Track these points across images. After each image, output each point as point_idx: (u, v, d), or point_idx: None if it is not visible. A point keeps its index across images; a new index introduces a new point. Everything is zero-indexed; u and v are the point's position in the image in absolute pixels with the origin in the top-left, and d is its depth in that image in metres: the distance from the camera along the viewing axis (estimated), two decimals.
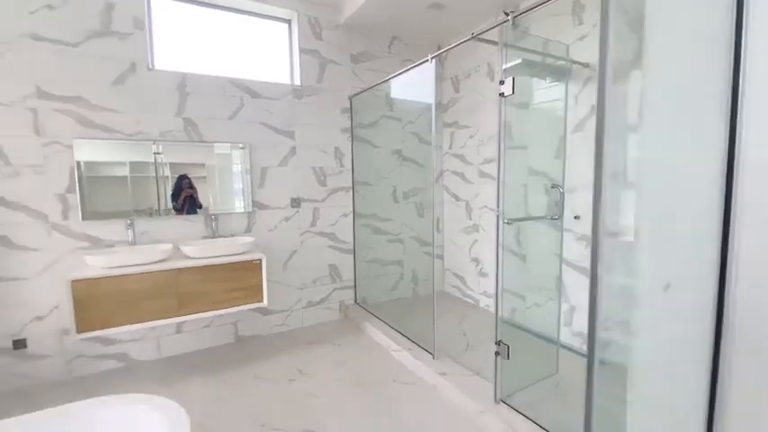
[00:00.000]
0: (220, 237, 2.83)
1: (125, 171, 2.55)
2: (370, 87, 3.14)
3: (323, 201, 3.31)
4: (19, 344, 2.34)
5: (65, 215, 2.42)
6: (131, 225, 2.54)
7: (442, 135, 3.86)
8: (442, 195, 3.93)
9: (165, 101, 2.64)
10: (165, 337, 2.73)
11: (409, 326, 2.91)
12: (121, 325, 2.21)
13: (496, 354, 1.94)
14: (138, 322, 2.25)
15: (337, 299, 3.45)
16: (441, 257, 3.97)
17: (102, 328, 2.18)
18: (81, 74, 2.41)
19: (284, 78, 3.17)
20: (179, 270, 2.34)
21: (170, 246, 2.52)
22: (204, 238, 2.79)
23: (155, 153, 2.61)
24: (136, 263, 2.29)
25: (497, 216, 1.92)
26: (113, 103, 2.50)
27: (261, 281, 2.59)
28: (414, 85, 3.01)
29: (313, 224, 3.27)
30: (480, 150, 3.43)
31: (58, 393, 2.29)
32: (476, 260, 3.57)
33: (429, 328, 2.45)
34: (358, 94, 3.29)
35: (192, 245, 2.56)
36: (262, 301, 2.60)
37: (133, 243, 2.55)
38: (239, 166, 2.91)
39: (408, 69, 2.63)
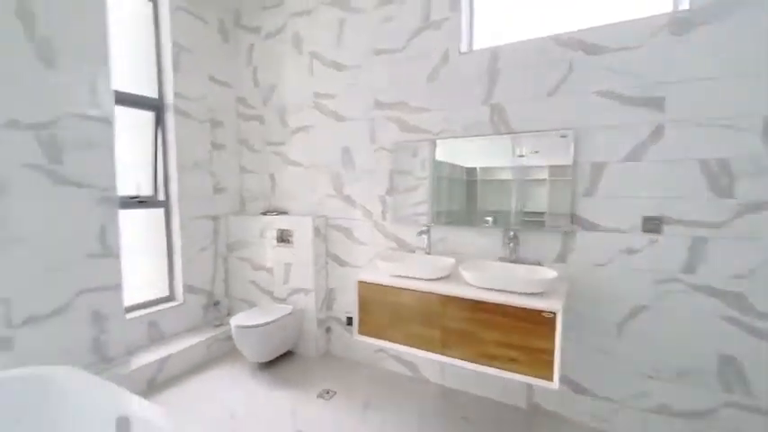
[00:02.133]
0: (519, 262, 2.07)
1: (428, 173, 2.37)
2: None
3: (719, 227, 1.70)
4: (350, 321, 2.77)
5: (383, 215, 2.57)
6: (427, 231, 2.33)
7: None
8: None
9: (472, 88, 2.20)
10: (450, 367, 2.38)
11: None
12: (392, 341, 2.04)
13: None
14: (404, 344, 2.00)
15: (732, 424, 1.72)
16: None
17: (376, 338, 2.10)
18: (404, 78, 2.42)
19: (653, 7, 1.83)
20: (447, 297, 1.86)
21: (452, 262, 2.09)
22: (500, 259, 2.14)
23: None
24: (414, 275, 2.03)
25: None
26: (426, 101, 2.36)
27: (552, 347, 1.62)
28: None
29: (689, 268, 1.76)
30: None
31: (346, 370, 2.50)
32: None
33: None
34: None
35: (471, 269, 1.99)
36: (549, 379, 1.63)
37: (428, 251, 2.34)
38: (557, 161, 1.99)
39: None
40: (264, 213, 2.99)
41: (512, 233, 2.06)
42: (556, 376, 1.61)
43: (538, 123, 2.03)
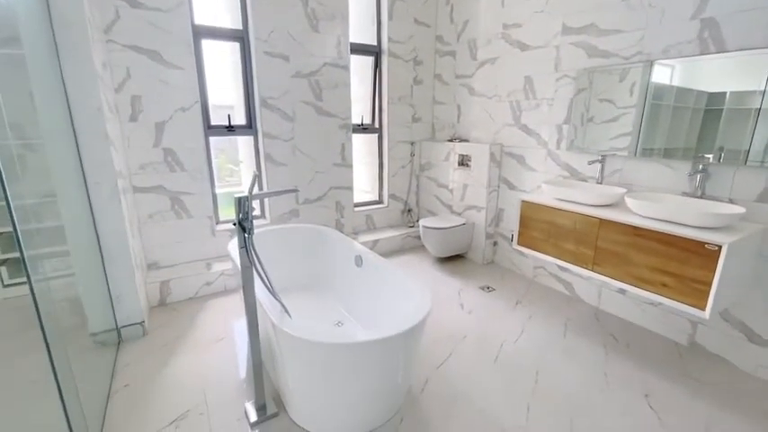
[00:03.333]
0: (706, 198, 1.94)
1: (630, 100, 2.28)
2: None
3: None
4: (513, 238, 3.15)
5: (558, 144, 2.70)
6: (602, 161, 2.37)
7: None
8: None
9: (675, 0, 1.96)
10: (607, 291, 2.51)
11: None
12: (545, 253, 2.36)
13: None
14: (557, 257, 2.29)
15: None
16: None
17: (531, 249, 2.45)
18: None
19: None
20: (604, 221, 2.01)
21: (620, 191, 2.14)
22: (684, 194, 2.04)
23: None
24: (576, 200, 2.22)
25: None
26: (619, 22, 2.23)
27: (710, 279, 1.62)
28: None
29: None
30: None
31: (512, 280, 2.93)
32: None
33: None
34: None
35: (639, 198, 2.02)
36: (701, 307, 1.66)
37: (599, 181, 2.40)
38: None
39: None
40: (450, 140, 3.52)
41: (700, 166, 1.92)
42: (709, 306, 1.63)
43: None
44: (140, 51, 2.43)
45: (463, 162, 3.33)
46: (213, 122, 2.90)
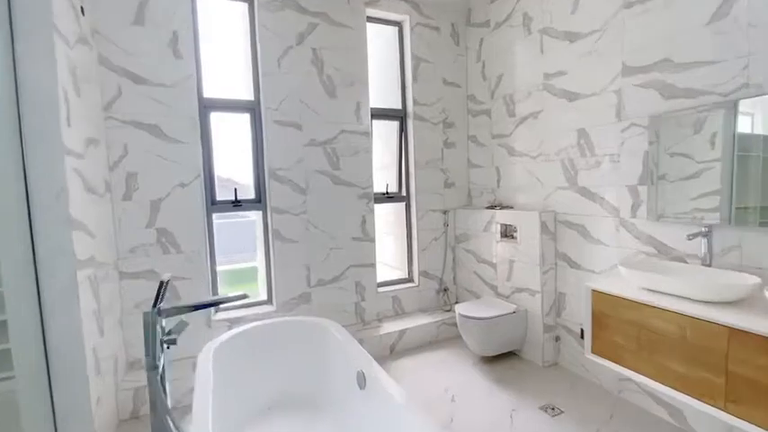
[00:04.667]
0: None
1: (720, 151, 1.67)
2: None
3: None
4: (583, 334, 2.37)
5: (633, 211, 2.05)
6: (707, 234, 1.68)
7: None
8: None
9: None
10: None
11: None
12: (635, 371, 1.61)
13: None
14: (657, 381, 1.53)
15: None
16: None
17: (613, 362, 1.70)
18: (668, 28, 1.82)
19: None
20: (740, 332, 1.28)
21: (753, 281, 1.42)
22: None
23: None
24: (677, 292, 1.52)
25: None
26: (704, 51, 1.69)
27: None
28: None
29: None
30: None
31: (598, 401, 2.11)
32: None
33: None
34: None
35: None
36: None
37: (707, 262, 1.69)
38: None
39: None
40: (489, 207, 2.98)
41: None
42: None
43: None
44: (140, 127, 2.27)
45: (507, 233, 2.73)
46: (219, 198, 2.64)
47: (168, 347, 1.02)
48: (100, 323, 1.91)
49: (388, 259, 3.39)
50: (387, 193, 3.18)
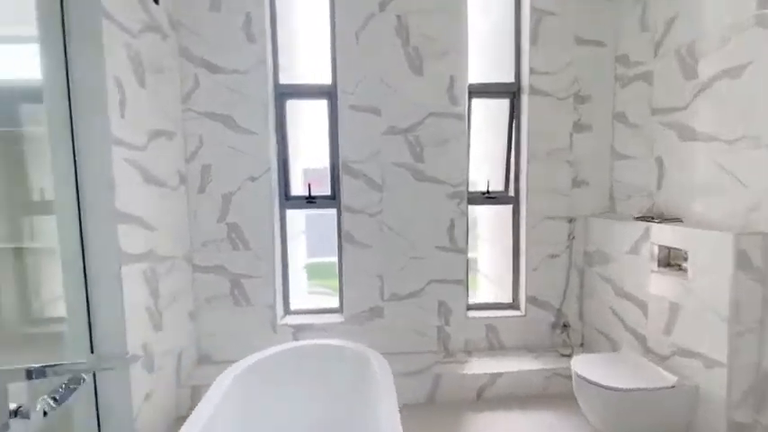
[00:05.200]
0: None
1: None
2: None
3: None
4: None
5: None
6: None
7: None
8: None
9: None
10: None
11: None
12: None
13: None
14: None
15: None
16: None
17: None
18: None
19: None
20: None
21: None
22: None
23: None
24: None
25: None
26: None
27: None
28: None
29: None
30: None
31: None
32: None
33: None
34: None
35: None
36: None
37: None
38: None
39: None
40: (642, 218, 2.01)
41: None
42: None
43: None
44: (214, 118, 2.20)
45: (671, 260, 1.78)
46: (294, 193, 2.45)
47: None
48: (156, 318, 1.88)
49: (486, 277, 2.70)
50: (487, 192, 2.50)
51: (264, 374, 1.60)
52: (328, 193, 2.42)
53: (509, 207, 2.52)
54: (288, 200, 2.42)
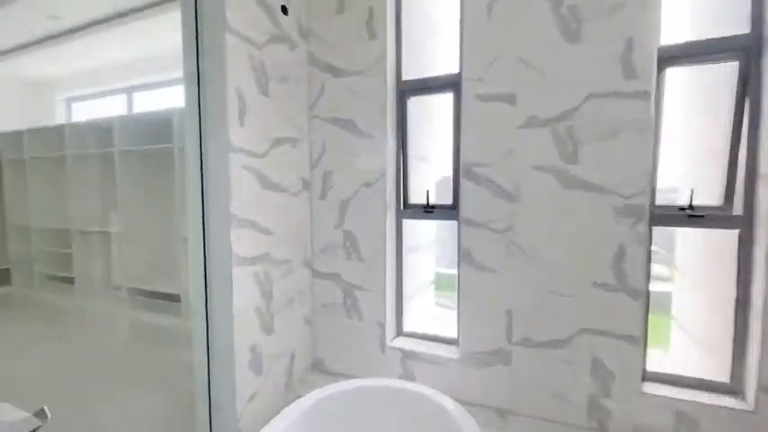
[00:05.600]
0: None
1: None
2: None
3: None
4: None
5: None
6: None
7: None
8: None
9: None
10: None
11: None
12: None
13: None
14: None
15: None
16: None
17: None
18: None
19: None
20: None
21: None
22: None
23: None
24: None
25: None
26: None
27: None
28: None
29: None
30: None
31: None
32: None
33: None
34: None
35: None
36: None
37: None
38: None
39: None
40: None
41: None
42: None
43: None
44: (336, 123, 2.15)
45: None
46: (414, 201, 2.19)
47: None
48: (266, 321, 1.92)
49: (681, 336, 1.80)
50: (689, 206, 1.64)
51: (328, 415, 1.39)
52: (449, 202, 2.06)
53: (732, 233, 1.59)
54: (406, 208, 2.18)
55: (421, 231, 2.48)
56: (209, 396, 1.75)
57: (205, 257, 1.71)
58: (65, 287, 4.17)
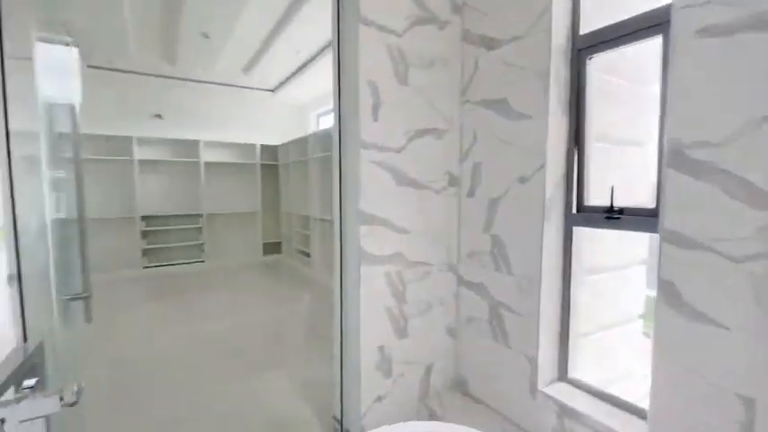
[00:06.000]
0: None
1: None
2: None
3: None
4: None
5: None
6: None
7: None
8: None
9: None
10: None
11: None
12: None
13: None
14: None
15: None
16: None
17: None
18: None
19: None
20: None
21: None
22: None
23: None
24: None
25: None
26: None
27: None
28: None
29: None
30: None
31: None
32: None
33: None
34: None
35: None
36: None
37: None
38: None
39: None
40: None
41: None
42: None
43: None
44: (488, 105, 1.81)
45: None
46: (593, 202, 1.60)
47: None
48: (399, 324, 1.83)
49: None
50: None
51: None
52: (649, 204, 1.36)
53: None
54: (580, 212, 1.60)
55: (613, 244, 1.78)
56: (341, 386, 1.83)
57: (341, 253, 1.78)
58: (305, 259, 5.43)
